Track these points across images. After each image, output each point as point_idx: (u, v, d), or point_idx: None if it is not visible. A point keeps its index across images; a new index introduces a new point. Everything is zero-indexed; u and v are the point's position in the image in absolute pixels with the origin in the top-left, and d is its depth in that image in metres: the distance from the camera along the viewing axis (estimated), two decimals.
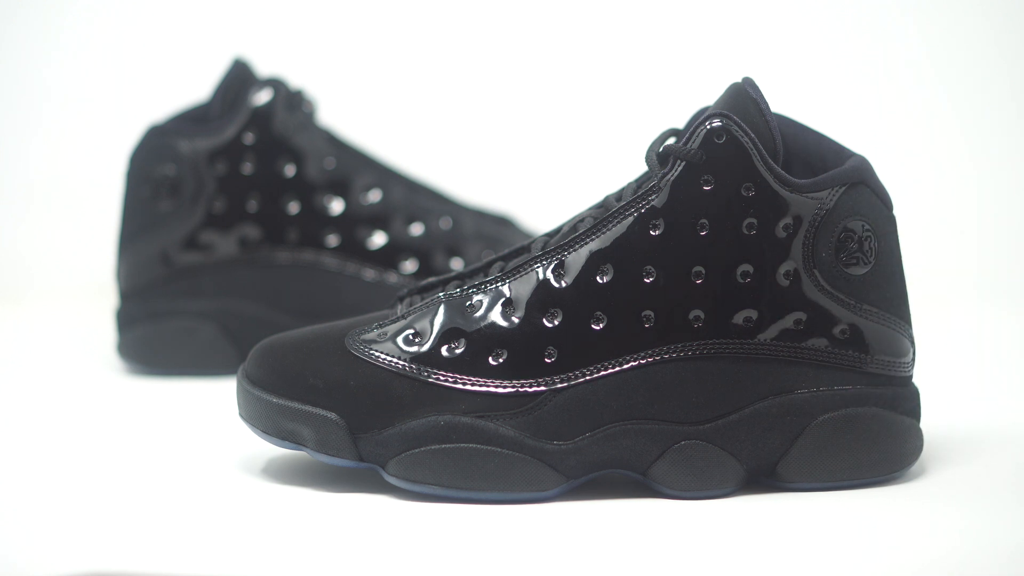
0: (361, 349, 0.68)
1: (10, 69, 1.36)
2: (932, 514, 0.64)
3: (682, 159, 0.66)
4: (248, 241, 0.97)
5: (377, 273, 0.98)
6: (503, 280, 0.68)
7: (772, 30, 1.33)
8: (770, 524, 0.63)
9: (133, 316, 0.97)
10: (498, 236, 1.02)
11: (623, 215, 0.67)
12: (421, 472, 0.66)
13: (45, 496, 0.68)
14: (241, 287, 0.97)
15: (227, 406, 0.73)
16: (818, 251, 0.66)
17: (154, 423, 0.84)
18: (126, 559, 0.58)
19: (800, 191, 0.66)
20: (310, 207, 0.98)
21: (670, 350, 0.66)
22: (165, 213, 0.97)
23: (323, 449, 0.67)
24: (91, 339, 1.06)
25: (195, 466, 0.73)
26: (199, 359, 0.97)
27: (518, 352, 0.66)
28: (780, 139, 0.67)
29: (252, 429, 0.69)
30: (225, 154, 0.97)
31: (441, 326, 0.68)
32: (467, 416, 0.66)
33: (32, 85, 1.36)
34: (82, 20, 1.36)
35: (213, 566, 0.58)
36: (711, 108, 0.68)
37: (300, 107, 1.00)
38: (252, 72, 1.00)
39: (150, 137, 0.98)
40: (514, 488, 0.66)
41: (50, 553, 0.59)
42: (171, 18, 1.36)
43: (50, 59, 1.36)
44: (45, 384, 0.95)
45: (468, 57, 1.36)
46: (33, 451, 0.77)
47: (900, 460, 0.68)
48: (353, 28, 1.36)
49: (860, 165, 0.68)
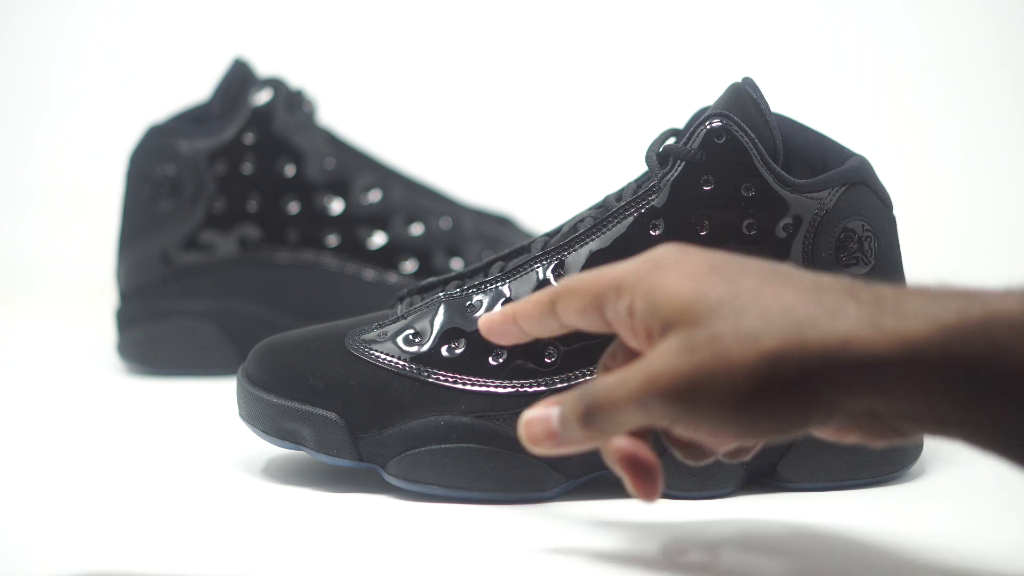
0: (361, 349, 0.68)
1: (10, 69, 1.35)
2: (932, 514, 0.64)
3: (682, 159, 0.66)
4: (248, 241, 0.97)
5: (377, 273, 0.98)
6: (503, 280, 0.68)
7: (772, 30, 1.33)
8: (770, 524, 0.63)
9: (133, 316, 0.97)
10: (498, 236, 1.02)
11: (623, 215, 0.67)
12: (421, 472, 0.66)
13: (45, 496, 0.68)
14: (241, 287, 0.97)
15: (227, 406, 0.73)
16: (818, 251, 0.66)
17: (154, 423, 0.84)
18: (126, 559, 0.58)
19: (800, 191, 0.66)
20: (310, 207, 0.98)
21: None
22: (165, 213, 0.97)
23: (323, 449, 0.67)
24: (91, 339, 1.06)
25: (195, 466, 0.73)
26: (199, 359, 0.97)
27: (518, 352, 0.66)
28: (780, 139, 0.67)
29: (252, 429, 0.69)
30: (225, 154, 0.97)
31: (441, 326, 0.68)
32: (467, 416, 0.66)
33: (32, 85, 1.36)
34: (82, 20, 1.36)
35: (213, 566, 0.58)
36: (711, 108, 0.68)
37: (300, 107, 1.00)
38: (252, 72, 1.00)
39: (150, 137, 0.98)
40: (514, 488, 0.66)
41: (50, 553, 0.59)
42: (171, 18, 1.36)
43: (50, 59, 1.36)
44: (45, 384, 0.95)
45: (468, 57, 1.36)
46: (33, 451, 0.77)
47: (900, 460, 0.68)
48: (353, 28, 1.36)
49: (860, 165, 0.67)
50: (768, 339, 0.50)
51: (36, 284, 1.29)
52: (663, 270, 0.54)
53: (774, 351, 0.50)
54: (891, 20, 1.33)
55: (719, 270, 0.53)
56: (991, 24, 1.31)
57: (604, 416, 0.53)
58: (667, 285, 0.53)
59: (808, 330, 0.49)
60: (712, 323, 0.51)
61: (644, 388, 0.52)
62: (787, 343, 0.49)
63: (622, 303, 0.55)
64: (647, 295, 0.54)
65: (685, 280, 0.53)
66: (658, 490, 0.55)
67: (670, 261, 0.54)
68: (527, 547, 0.61)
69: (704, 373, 0.51)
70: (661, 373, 0.51)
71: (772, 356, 0.50)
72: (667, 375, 0.51)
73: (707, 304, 0.51)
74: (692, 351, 0.51)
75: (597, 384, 0.54)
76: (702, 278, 0.52)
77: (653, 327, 0.53)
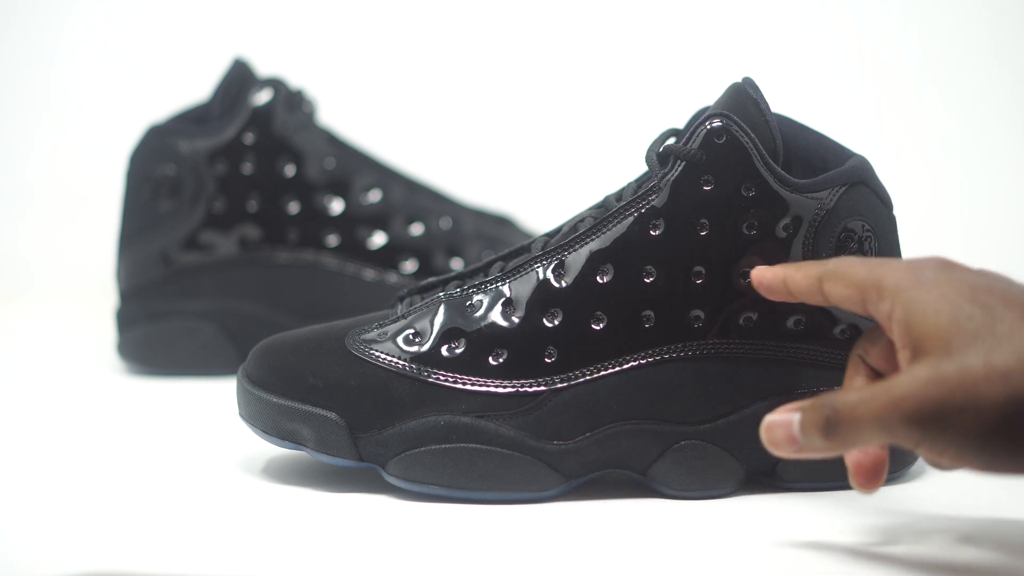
0: (361, 349, 0.68)
1: (10, 69, 1.35)
2: (932, 514, 0.64)
3: (682, 159, 0.66)
4: (248, 241, 0.97)
5: (377, 273, 0.98)
6: (503, 280, 0.68)
7: (772, 30, 1.33)
8: (770, 524, 0.63)
9: (133, 316, 0.97)
10: (498, 236, 1.02)
11: (623, 215, 0.67)
12: (421, 472, 0.66)
13: (45, 496, 0.68)
14: (241, 287, 0.97)
15: (227, 406, 0.73)
16: (818, 251, 0.66)
17: (154, 423, 0.84)
18: (126, 559, 0.58)
19: (800, 191, 0.66)
20: (310, 207, 0.98)
21: (670, 350, 0.66)
22: (165, 213, 0.97)
23: (323, 449, 0.67)
24: (91, 339, 1.06)
25: (195, 466, 0.73)
26: (199, 359, 0.97)
27: (518, 352, 0.66)
28: (780, 139, 0.67)
29: (252, 429, 0.69)
30: (225, 154, 0.97)
31: (441, 326, 0.68)
32: (467, 416, 0.66)
33: (32, 85, 1.36)
34: (82, 20, 1.36)
35: (213, 566, 0.58)
36: (711, 108, 0.68)
37: (300, 107, 1.00)
38: (252, 72, 1.00)
39: (150, 137, 0.98)
40: (514, 488, 0.66)
41: (50, 553, 0.59)
42: (171, 18, 1.36)
43: (50, 59, 1.35)
44: (45, 384, 0.95)
45: (468, 57, 1.36)
46: (33, 451, 0.77)
47: (900, 460, 0.68)
48: (353, 28, 1.36)
49: (860, 165, 0.67)
50: (1018, 380, 0.51)
51: (36, 284, 1.29)
52: (925, 286, 0.55)
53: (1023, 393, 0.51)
54: (891, 20, 1.33)
55: (979, 299, 0.54)
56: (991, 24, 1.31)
57: (846, 430, 0.55)
58: (926, 304, 0.54)
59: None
60: (964, 355, 0.52)
61: (888, 410, 0.53)
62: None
63: (883, 305, 0.57)
64: (905, 308, 0.55)
65: (944, 304, 0.54)
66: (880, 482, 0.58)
67: (932, 277, 0.56)
68: (527, 547, 0.61)
69: (952, 405, 0.52)
70: (907, 398, 0.53)
71: (1022, 398, 0.51)
72: (913, 401, 0.53)
73: (962, 335, 0.53)
74: (941, 382, 0.52)
75: (841, 396, 0.55)
76: (961, 306, 0.54)
77: (906, 340, 0.55)
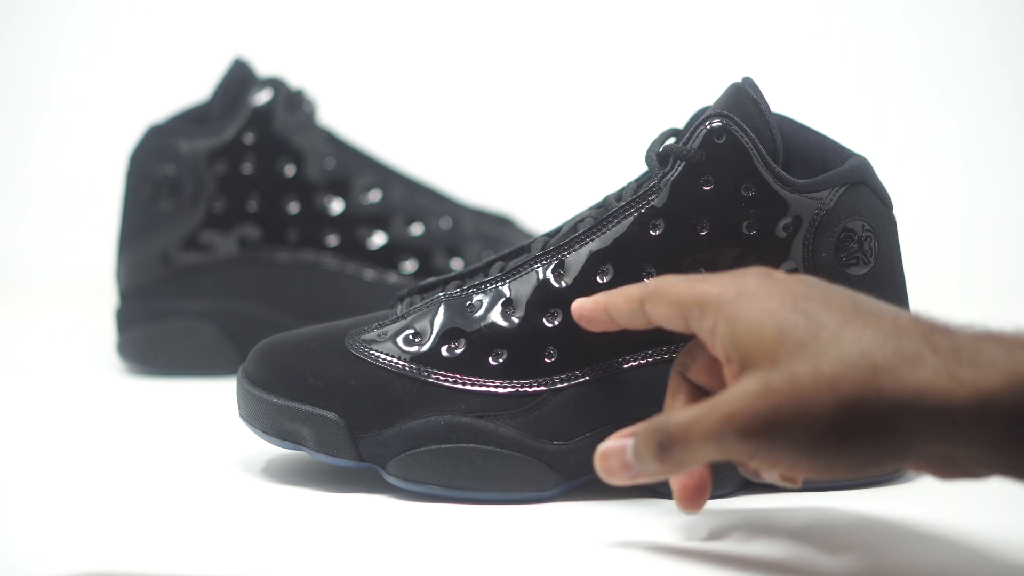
0: (361, 349, 0.68)
1: (10, 69, 1.35)
2: (932, 514, 0.64)
3: (682, 159, 0.66)
4: (248, 241, 0.97)
5: (377, 273, 0.98)
6: (503, 280, 0.68)
7: (772, 30, 1.33)
8: (770, 524, 0.63)
9: (133, 316, 0.97)
10: (498, 236, 1.02)
11: (623, 215, 0.67)
12: (421, 472, 0.66)
13: (45, 496, 0.68)
14: (241, 287, 0.97)
15: (227, 406, 0.73)
16: (818, 251, 0.66)
17: (154, 423, 0.84)
18: (126, 559, 0.58)
19: (800, 191, 0.66)
20: (310, 207, 0.98)
21: (670, 350, 0.66)
22: (165, 213, 0.97)
23: (323, 449, 0.67)
24: (91, 339, 1.06)
25: (195, 466, 0.73)
26: (199, 359, 0.97)
27: (518, 352, 0.66)
28: (780, 139, 0.67)
29: (252, 429, 0.69)
30: (225, 154, 0.97)
31: (441, 326, 0.68)
32: (467, 416, 0.66)
33: (32, 85, 1.36)
34: (82, 20, 1.36)
35: (213, 566, 0.58)
36: (711, 108, 0.68)
37: (300, 107, 1.00)
38: (252, 72, 1.00)
39: (150, 137, 0.98)
40: (514, 488, 0.66)
41: (50, 553, 0.59)
42: (171, 18, 1.36)
43: (50, 59, 1.35)
44: (45, 384, 0.95)
45: (468, 57, 1.36)
46: (33, 451, 0.77)
47: None
48: (353, 28, 1.36)
49: (860, 165, 0.67)
50: (846, 385, 0.51)
51: (36, 284, 1.29)
52: (747, 299, 0.55)
53: (852, 397, 0.51)
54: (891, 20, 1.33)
55: (801, 306, 0.54)
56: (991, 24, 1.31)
57: (680, 451, 0.55)
58: (749, 318, 0.54)
59: (885, 377, 0.51)
60: (791, 364, 0.52)
61: (721, 427, 0.53)
62: (864, 390, 0.51)
63: (705, 322, 0.56)
64: (729, 323, 0.55)
65: (767, 316, 0.54)
66: (705, 500, 0.58)
67: (753, 289, 0.55)
68: (527, 547, 0.61)
69: (781, 415, 0.52)
70: (738, 413, 0.53)
71: (850, 402, 0.51)
72: (744, 415, 0.53)
73: (788, 346, 0.53)
74: (770, 394, 0.52)
75: (672, 417, 0.55)
76: (784, 316, 0.54)
77: (731, 355, 0.55)
